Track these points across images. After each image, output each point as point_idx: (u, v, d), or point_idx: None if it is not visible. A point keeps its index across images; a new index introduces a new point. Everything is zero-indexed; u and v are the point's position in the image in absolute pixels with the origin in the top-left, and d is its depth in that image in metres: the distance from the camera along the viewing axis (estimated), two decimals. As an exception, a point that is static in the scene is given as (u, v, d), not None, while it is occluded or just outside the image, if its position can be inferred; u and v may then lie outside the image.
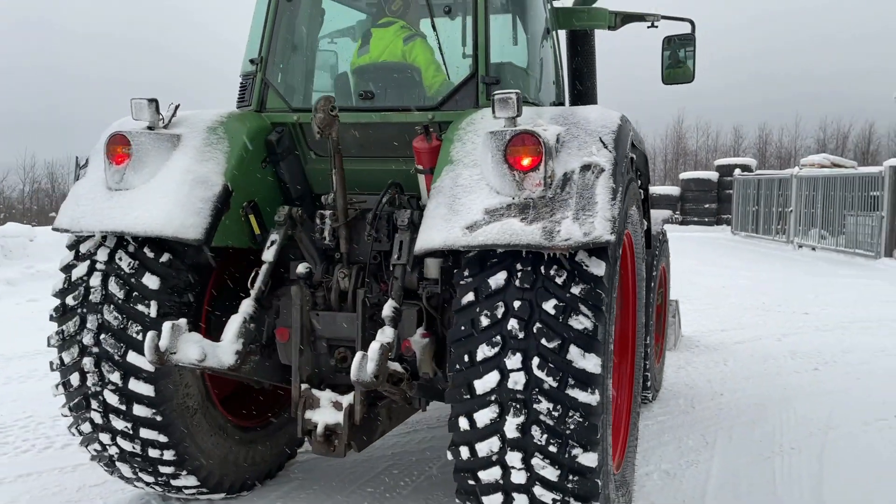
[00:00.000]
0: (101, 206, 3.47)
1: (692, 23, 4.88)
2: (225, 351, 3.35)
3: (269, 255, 3.60)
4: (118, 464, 3.65)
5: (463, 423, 2.96)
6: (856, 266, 15.89)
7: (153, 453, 3.53)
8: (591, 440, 2.84)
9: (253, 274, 3.60)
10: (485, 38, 3.69)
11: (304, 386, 3.51)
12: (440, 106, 3.72)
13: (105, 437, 3.54)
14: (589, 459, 2.84)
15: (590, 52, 5.13)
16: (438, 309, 3.56)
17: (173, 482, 3.68)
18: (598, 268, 2.90)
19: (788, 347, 7.86)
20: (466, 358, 2.94)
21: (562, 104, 4.65)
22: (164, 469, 3.60)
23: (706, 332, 8.59)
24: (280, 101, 3.96)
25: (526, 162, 2.95)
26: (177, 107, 3.69)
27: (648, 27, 4.92)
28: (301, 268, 3.60)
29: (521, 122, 3.06)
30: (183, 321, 3.25)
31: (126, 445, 3.52)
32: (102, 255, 3.50)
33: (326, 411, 3.43)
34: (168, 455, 3.54)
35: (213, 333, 3.64)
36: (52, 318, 3.58)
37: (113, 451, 3.58)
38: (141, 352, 3.37)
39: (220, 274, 3.87)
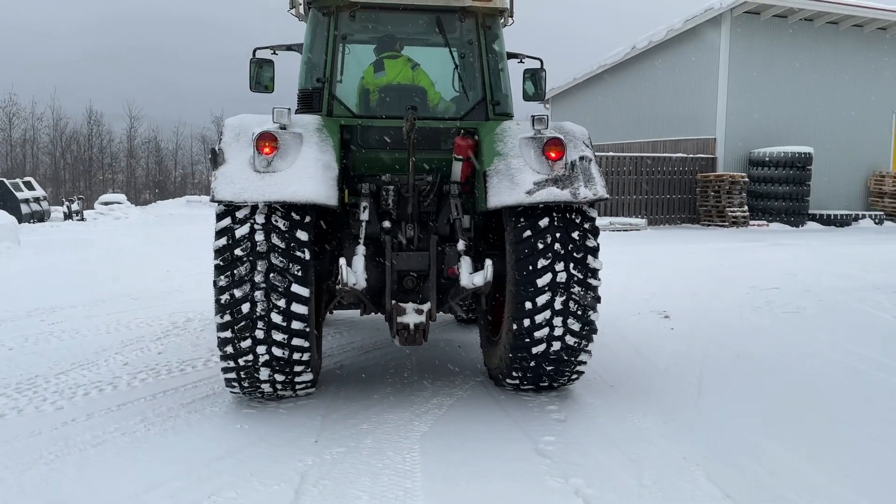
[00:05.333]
0: (256, 184, 4.77)
1: (541, 60, 7.38)
2: (360, 278, 5.00)
3: (364, 216, 5.28)
4: (261, 369, 4.95)
5: (527, 305, 5.05)
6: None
7: (296, 356, 4.94)
8: (596, 307, 5.17)
9: (359, 228, 5.24)
10: (489, 76, 5.73)
11: (393, 301, 5.27)
12: (463, 117, 5.69)
13: (261, 349, 4.88)
14: (595, 317, 5.15)
15: None
16: (472, 246, 5.57)
17: (297, 379, 5.12)
18: (594, 213, 5.21)
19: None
20: (530, 267, 5.04)
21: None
22: (297, 368, 5.00)
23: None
24: (344, 109, 5.55)
25: (554, 154, 5.13)
26: (292, 112, 5.11)
27: (518, 62, 7.30)
28: (386, 223, 5.32)
29: (544, 132, 5.23)
30: (343, 259, 4.84)
31: (278, 352, 4.87)
32: (260, 219, 4.81)
33: (412, 315, 5.22)
34: (305, 356, 4.99)
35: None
36: (218, 267, 4.81)
37: (263, 358, 4.88)
38: (301, 284, 4.84)
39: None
